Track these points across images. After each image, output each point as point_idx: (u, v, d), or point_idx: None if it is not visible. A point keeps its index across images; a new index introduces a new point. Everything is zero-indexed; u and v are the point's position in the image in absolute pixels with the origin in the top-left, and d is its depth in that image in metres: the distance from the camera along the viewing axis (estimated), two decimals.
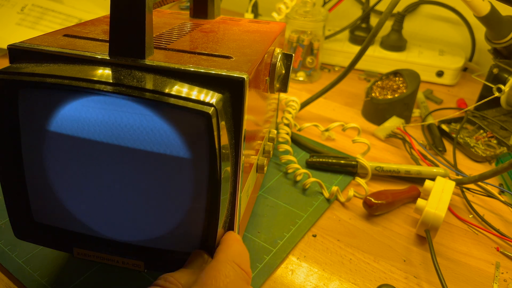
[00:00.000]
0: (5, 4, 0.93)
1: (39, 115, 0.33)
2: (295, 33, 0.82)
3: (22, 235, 0.37)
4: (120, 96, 0.30)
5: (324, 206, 0.52)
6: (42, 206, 0.36)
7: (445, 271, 0.44)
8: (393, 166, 0.57)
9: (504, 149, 0.63)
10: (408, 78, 0.70)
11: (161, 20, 0.47)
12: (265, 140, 0.49)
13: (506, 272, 0.45)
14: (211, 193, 0.32)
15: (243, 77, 0.31)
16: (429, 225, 0.46)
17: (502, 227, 0.50)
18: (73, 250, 0.37)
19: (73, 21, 0.93)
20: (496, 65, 0.69)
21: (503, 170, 0.49)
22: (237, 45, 0.39)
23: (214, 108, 0.29)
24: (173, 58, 0.33)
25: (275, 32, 0.46)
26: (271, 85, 0.45)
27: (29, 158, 0.35)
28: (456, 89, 0.87)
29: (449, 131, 0.67)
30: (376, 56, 0.89)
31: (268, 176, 0.57)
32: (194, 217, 0.34)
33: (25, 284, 0.39)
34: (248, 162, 0.38)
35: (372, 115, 0.72)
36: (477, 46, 0.93)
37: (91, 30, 0.39)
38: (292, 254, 0.45)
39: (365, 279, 0.43)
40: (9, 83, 0.32)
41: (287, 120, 0.64)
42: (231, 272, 0.31)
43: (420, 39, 0.99)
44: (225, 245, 0.33)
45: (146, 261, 0.36)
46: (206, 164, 0.31)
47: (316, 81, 0.87)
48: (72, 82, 0.30)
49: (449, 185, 0.50)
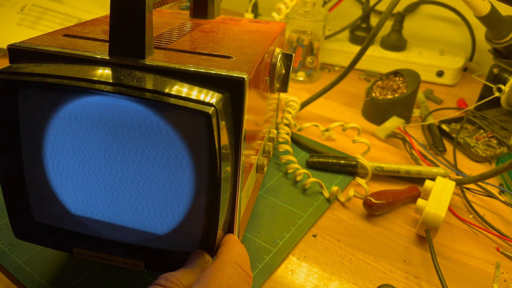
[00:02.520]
0: (5, 4, 0.92)
1: (39, 115, 0.33)
2: (295, 33, 0.82)
3: (22, 235, 0.37)
4: (120, 96, 0.30)
5: (324, 206, 0.52)
6: (42, 206, 0.36)
7: (445, 271, 0.44)
8: (393, 166, 0.57)
9: (504, 149, 0.63)
10: (408, 78, 0.70)
11: (161, 20, 0.47)
12: (265, 140, 0.49)
13: (506, 272, 0.45)
14: (211, 193, 0.32)
15: (243, 77, 0.31)
16: (429, 225, 0.46)
17: (502, 227, 0.50)
18: (73, 250, 0.37)
19: (73, 21, 0.93)
20: (496, 65, 0.69)
21: (503, 170, 0.49)
22: (237, 45, 0.39)
23: (214, 108, 0.29)
24: (173, 58, 0.33)
25: (275, 32, 0.46)
26: (271, 85, 0.45)
27: (29, 158, 0.35)
28: (456, 89, 0.87)
29: (449, 131, 0.67)
30: (376, 56, 0.89)
31: (268, 176, 0.57)
32: (194, 217, 0.34)
33: (25, 284, 0.39)
34: (248, 162, 0.38)
35: (372, 115, 0.72)
36: (477, 46, 0.93)
37: (91, 30, 0.39)
38: (292, 254, 0.45)
39: (365, 279, 0.43)
40: (9, 83, 0.32)
41: (287, 120, 0.64)
42: (234, 273, 0.31)
43: (420, 39, 0.99)
44: (227, 246, 0.34)
45: (146, 261, 0.36)
46: (206, 164, 0.31)
47: (316, 81, 0.87)
48: (72, 82, 0.30)
49: (449, 185, 0.50)
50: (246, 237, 0.46)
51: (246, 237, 0.47)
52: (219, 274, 0.30)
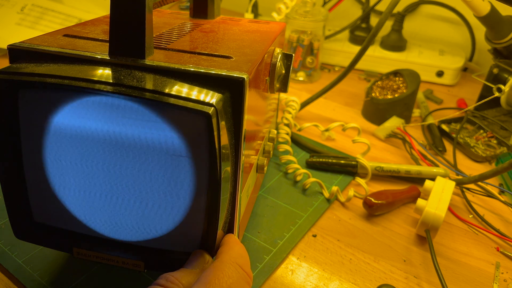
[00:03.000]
0: (5, 4, 0.92)
1: (39, 115, 0.33)
2: (295, 33, 0.82)
3: (22, 235, 0.37)
4: (120, 96, 0.30)
5: (324, 206, 0.52)
6: (42, 206, 0.36)
7: (445, 271, 0.44)
8: (393, 166, 0.57)
9: (504, 149, 0.63)
10: (408, 78, 0.70)
11: (161, 20, 0.47)
12: (265, 140, 0.49)
13: (506, 272, 0.45)
14: (211, 193, 0.32)
15: (243, 77, 0.31)
16: (429, 225, 0.46)
17: (502, 227, 0.50)
18: (73, 250, 0.37)
19: (73, 21, 0.93)
20: (496, 65, 0.69)
21: (503, 170, 0.49)
22: (237, 45, 0.39)
23: (214, 108, 0.29)
24: (173, 58, 0.33)
25: (275, 32, 0.46)
26: (271, 85, 0.45)
27: (29, 158, 0.35)
28: (456, 89, 0.87)
29: (449, 131, 0.67)
30: (376, 56, 0.89)
31: (268, 176, 0.57)
32: (194, 217, 0.34)
33: (25, 284, 0.39)
34: (248, 162, 0.38)
35: (372, 115, 0.72)
36: (477, 46, 0.93)
37: (91, 30, 0.39)
38: (292, 254, 0.45)
39: (365, 279, 0.43)
40: (9, 83, 0.32)
41: (287, 120, 0.64)
42: (234, 273, 0.31)
43: (420, 39, 0.99)
44: (227, 246, 0.34)
45: (146, 261, 0.36)
46: (206, 164, 0.31)
47: (316, 81, 0.87)
48: (72, 82, 0.30)
49: (449, 185, 0.50)
50: (246, 237, 0.46)
51: (246, 237, 0.47)
52: (219, 274, 0.30)
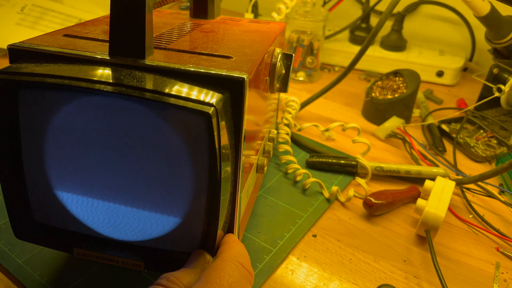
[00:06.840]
0: (5, 4, 0.92)
1: (39, 115, 0.33)
2: (295, 33, 0.82)
3: (22, 235, 0.37)
4: (120, 96, 0.30)
5: (324, 206, 0.52)
6: (42, 206, 0.36)
7: (445, 271, 0.44)
8: (393, 166, 0.57)
9: (504, 149, 0.63)
10: (408, 78, 0.70)
11: (161, 20, 0.47)
12: (265, 140, 0.49)
13: (506, 272, 0.45)
14: (211, 193, 0.32)
15: (243, 77, 0.31)
16: (429, 225, 0.46)
17: (502, 227, 0.50)
18: (73, 250, 0.37)
19: (73, 21, 0.93)
20: (496, 65, 0.69)
21: (503, 170, 0.49)
22: (237, 45, 0.39)
23: (214, 108, 0.29)
24: (173, 58, 0.33)
25: (275, 32, 0.46)
26: (271, 85, 0.45)
27: (29, 158, 0.35)
28: (456, 89, 0.87)
29: (449, 131, 0.67)
30: (376, 56, 0.89)
31: (268, 176, 0.57)
32: (194, 217, 0.34)
33: (25, 284, 0.39)
34: (248, 162, 0.38)
35: (372, 115, 0.72)
36: (477, 46, 0.93)
37: (91, 30, 0.39)
38: (292, 254, 0.45)
39: (365, 279, 0.43)
40: (9, 83, 0.32)
41: (287, 120, 0.64)
42: (235, 271, 0.31)
43: (420, 39, 0.99)
44: (228, 245, 0.34)
45: (146, 261, 0.36)
46: (206, 164, 0.31)
47: (316, 81, 0.87)
48: (72, 82, 0.30)
49: (449, 185, 0.50)
50: (246, 237, 0.46)
51: (246, 237, 0.47)
52: (220, 273, 0.30)
